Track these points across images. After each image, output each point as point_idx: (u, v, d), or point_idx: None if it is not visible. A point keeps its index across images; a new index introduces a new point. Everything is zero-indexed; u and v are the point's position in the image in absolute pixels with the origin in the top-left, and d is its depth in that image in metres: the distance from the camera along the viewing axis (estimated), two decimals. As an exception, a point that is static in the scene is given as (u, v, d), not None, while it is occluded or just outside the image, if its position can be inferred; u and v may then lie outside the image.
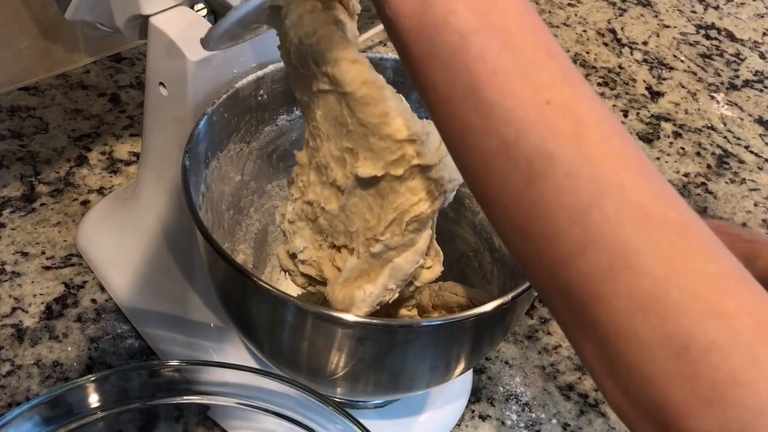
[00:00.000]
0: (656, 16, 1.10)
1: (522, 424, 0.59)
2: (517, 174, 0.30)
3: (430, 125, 0.44)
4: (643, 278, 0.28)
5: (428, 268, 0.52)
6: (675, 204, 0.30)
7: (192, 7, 0.52)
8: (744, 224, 0.82)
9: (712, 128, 0.93)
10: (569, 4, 1.10)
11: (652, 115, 0.93)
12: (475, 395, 0.60)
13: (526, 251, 0.31)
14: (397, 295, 0.48)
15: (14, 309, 0.61)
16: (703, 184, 0.86)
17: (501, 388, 0.61)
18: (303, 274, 0.49)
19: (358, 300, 0.45)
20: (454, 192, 0.46)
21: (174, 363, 0.46)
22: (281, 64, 0.52)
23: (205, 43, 0.41)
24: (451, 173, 0.45)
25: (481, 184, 0.32)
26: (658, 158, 0.88)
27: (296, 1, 0.42)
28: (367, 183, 0.44)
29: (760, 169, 0.89)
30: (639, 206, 0.29)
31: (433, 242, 0.52)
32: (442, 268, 0.53)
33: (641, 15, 1.10)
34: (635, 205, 0.29)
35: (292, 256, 0.49)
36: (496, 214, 0.32)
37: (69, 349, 0.59)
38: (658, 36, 1.06)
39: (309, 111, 0.45)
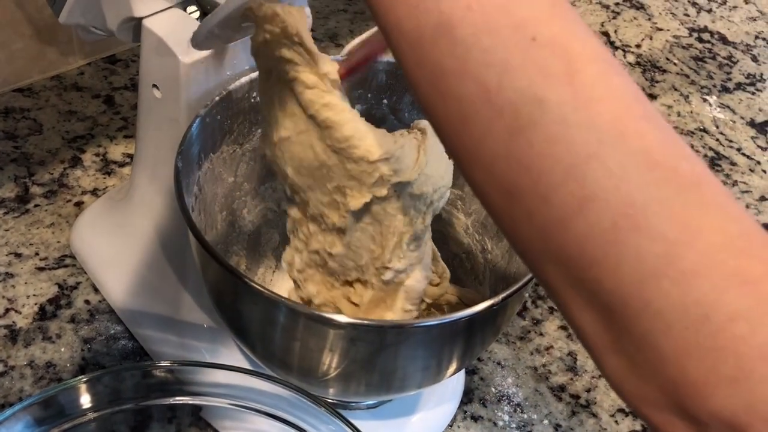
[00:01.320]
0: (649, 19, 1.11)
1: (514, 425, 0.59)
2: (501, 124, 0.26)
3: (403, 138, 0.44)
4: (653, 240, 0.24)
5: (436, 285, 0.53)
6: (684, 154, 0.26)
7: (185, 10, 0.52)
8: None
9: (705, 131, 0.93)
10: (563, 7, 1.10)
11: (644, 118, 0.94)
12: (467, 396, 0.61)
13: (512, 213, 0.27)
14: (416, 314, 0.49)
15: (7, 310, 0.61)
16: (695, 186, 0.86)
17: (493, 389, 0.62)
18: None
19: None
20: (445, 198, 0.47)
21: (167, 364, 0.47)
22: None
23: (194, 42, 0.41)
24: (434, 183, 0.45)
25: (457, 139, 0.28)
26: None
27: (256, 31, 0.41)
28: (362, 213, 0.44)
29: (752, 171, 0.89)
30: (645, 156, 0.25)
31: (439, 260, 0.53)
32: (449, 285, 0.53)
33: (634, 18, 1.10)
34: (641, 155, 0.25)
35: (308, 302, 0.49)
36: (475, 172, 0.28)
37: (62, 350, 0.59)
38: (651, 39, 1.07)
39: (279, 168, 0.44)
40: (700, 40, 1.08)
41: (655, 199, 0.25)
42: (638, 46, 1.05)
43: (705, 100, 0.98)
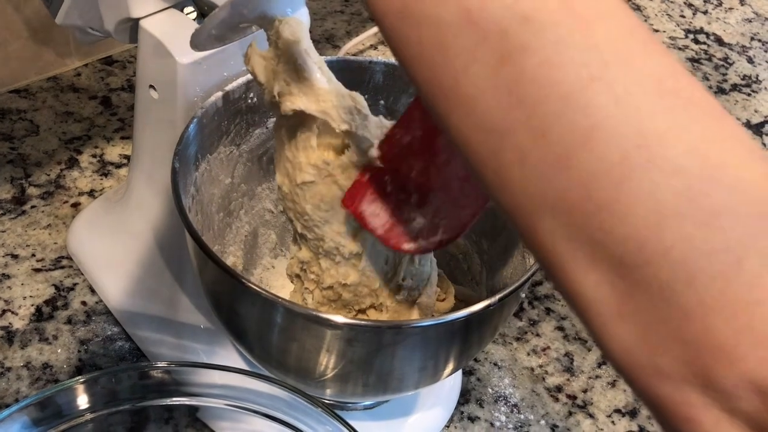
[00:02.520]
0: (645, 21, 1.11)
1: (511, 426, 0.60)
2: (487, 50, 0.22)
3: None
4: (671, 174, 0.21)
5: (442, 300, 0.54)
6: (694, 83, 0.23)
7: (182, 10, 0.52)
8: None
9: (701, 132, 0.94)
10: (559, 9, 1.10)
11: (641, 119, 0.94)
12: (464, 397, 0.61)
13: (500, 157, 0.23)
14: None
15: (4, 311, 0.61)
16: (692, 187, 0.86)
17: (490, 390, 0.62)
18: None
19: None
20: None
21: (163, 365, 0.47)
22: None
23: (193, 43, 0.41)
24: None
25: (434, 74, 0.24)
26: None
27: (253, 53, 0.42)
28: None
29: (748, 172, 0.89)
30: (655, 82, 0.22)
31: (444, 277, 0.53)
32: (454, 300, 0.54)
33: (630, 19, 1.11)
34: (650, 80, 0.22)
35: None
36: (455, 112, 0.24)
37: (59, 351, 0.59)
38: (647, 40, 1.07)
39: (295, 205, 0.44)
40: (696, 41, 1.08)
41: (671, 128, 0.21)
42: (634, 47, 1.05)
43: (701, 102, 0.98)
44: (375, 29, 0.91)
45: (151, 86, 0.52)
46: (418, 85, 0.25)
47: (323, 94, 0.40)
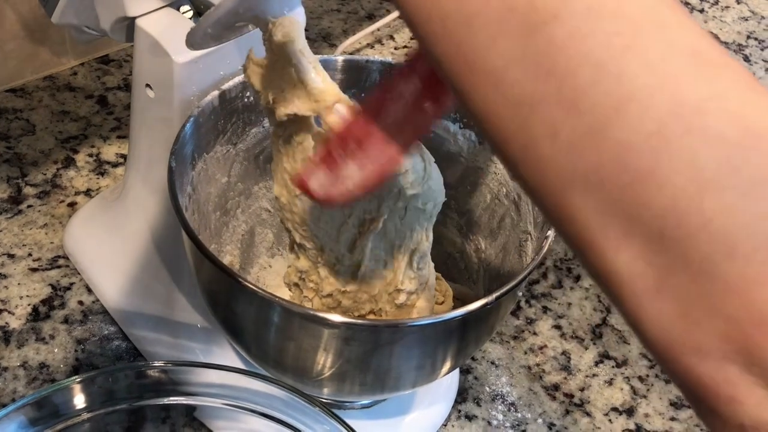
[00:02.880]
0: (642, 19, 1.11)
1: (508, 424, 0.60)
2: (513, 21, 0.22)
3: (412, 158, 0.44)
4: (710, 143, 0.20)
5: (441, 303, 0.54)
6: (724, 49, 0.22)
7: (178, 9, 0.52)
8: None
9: (697, 130, 0.94)
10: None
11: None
12: (462, 395, 0.61)
13: (528, 132, 0.23)
14: None
15: (0, 311, 0.61)
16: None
17: (487, 388, 0.62)
18: None
19: None
20: (437, 210, 0.47)
21: (160, 364, 0.47)
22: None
23: (189, 42, 0.41)
24: (435, 197, 0.45)
25: (458, 49, 0.23)
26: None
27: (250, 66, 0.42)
28: (378, 236, 0.44)
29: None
30: (690, 49, 0.21)
31: (442, 280, 0.53)
32: (452, 304, 0.54)
33: (627, 18, 1.11)
34: (684, 47, 0.21)
35: None
36: (480, 87, 0.23)
37: (55, 350, 0.59)
38: (643, 39, 1.07)
39: (295, 217, 0.44)
40: (693, 40, 1.09)
41: (709, 96, 0.21)
42: (631, 46, 1.05)
43: (697, 100, 0.98)
44: (372, 28, 0.91)
45: (148, 85, 0.52)
46: (440, 62, 0.24)
47: (318, 93, 0.40)
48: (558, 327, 0.67)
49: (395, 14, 0.80)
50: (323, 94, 0.40)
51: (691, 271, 0.21)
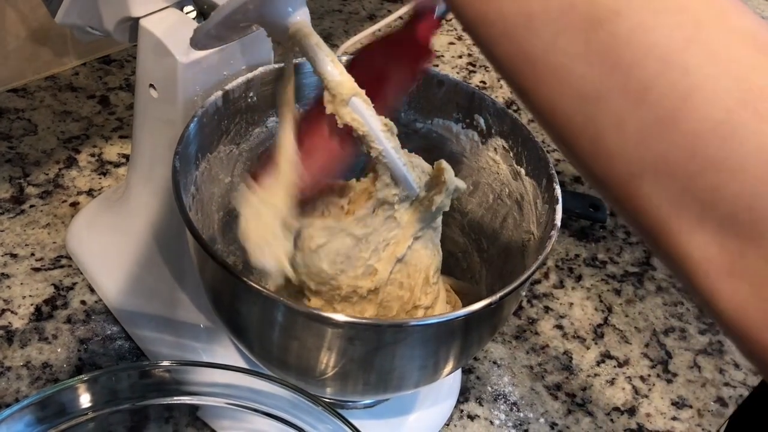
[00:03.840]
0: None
1: (510, 424, 0.60)
2: (575, 17, 0.23)
3: (420, 160, 0.45)
4: None
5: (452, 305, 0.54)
6: None
7: (182, 9, 0.52)
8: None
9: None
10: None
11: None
12: (464, 395, 0.61)
13: (595, 124, 0.23)
14: None
15: (3, 311, 0.61)
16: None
17: (489, 388, 0.62)
18: None
19: None
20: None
21: (164, 364, 0.47)
22: (271, 66, 0.52)
23: (193, 42, 0.41)
24: (442, 202, 0.46)
25: (518, 47, 0.24)
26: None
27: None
28: (396, 261, 0.45)
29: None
30: (750, 37, 0.22)
31: (452, 291, 0.54)
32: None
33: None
34: (744, 36, 0.22)
35: None
36: (543, 81, 0.24)
37: (58, 350, 0.59)
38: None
39: (310, 269, 0.45)
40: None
41: None
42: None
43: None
44: (373, 28, 0.91)
45: (151, 85, 0.52)
46: (501, 62, 0.25)
47: (335, 86, 0.41)
48: (560, 327, 0.67)
49: (396, 15, 0.80)
50: (340, 87, 0.40)
51: (764, 252, 0.21)
